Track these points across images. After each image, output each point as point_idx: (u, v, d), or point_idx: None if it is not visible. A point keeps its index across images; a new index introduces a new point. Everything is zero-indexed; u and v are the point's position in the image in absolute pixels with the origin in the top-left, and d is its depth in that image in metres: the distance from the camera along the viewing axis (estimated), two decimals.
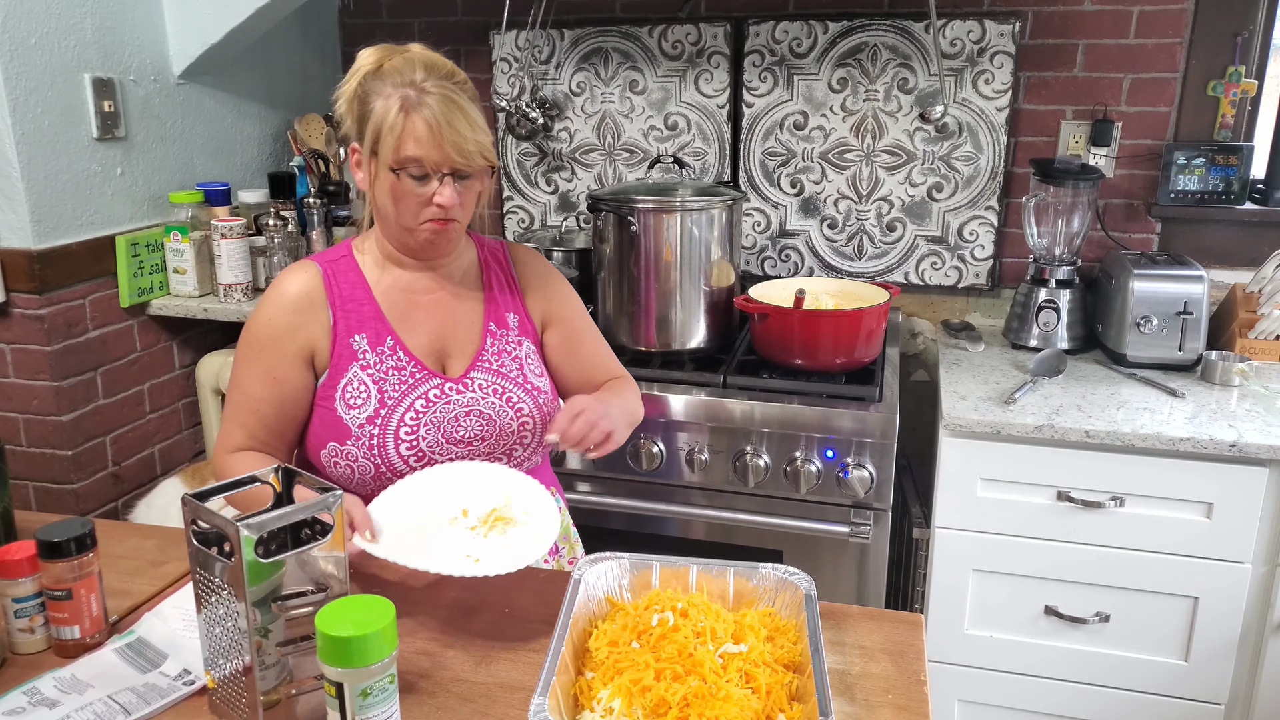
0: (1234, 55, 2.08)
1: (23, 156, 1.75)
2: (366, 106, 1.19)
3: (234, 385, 1.26)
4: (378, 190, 1.22)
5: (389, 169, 1.18)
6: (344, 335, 1.25)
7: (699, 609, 1.01)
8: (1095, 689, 1.81)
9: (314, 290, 1.25)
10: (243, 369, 1.25)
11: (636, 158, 2.46)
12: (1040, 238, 2.12)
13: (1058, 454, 1.72)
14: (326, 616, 0.82)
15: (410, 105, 1.16)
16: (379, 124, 1.17)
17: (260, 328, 1.25)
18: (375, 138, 1.18)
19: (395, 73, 1.18)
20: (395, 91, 1.17)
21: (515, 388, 1.30)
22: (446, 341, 1.30)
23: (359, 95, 1.20)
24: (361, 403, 1.24)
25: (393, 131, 1.16)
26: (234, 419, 1.26)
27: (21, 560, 1.04)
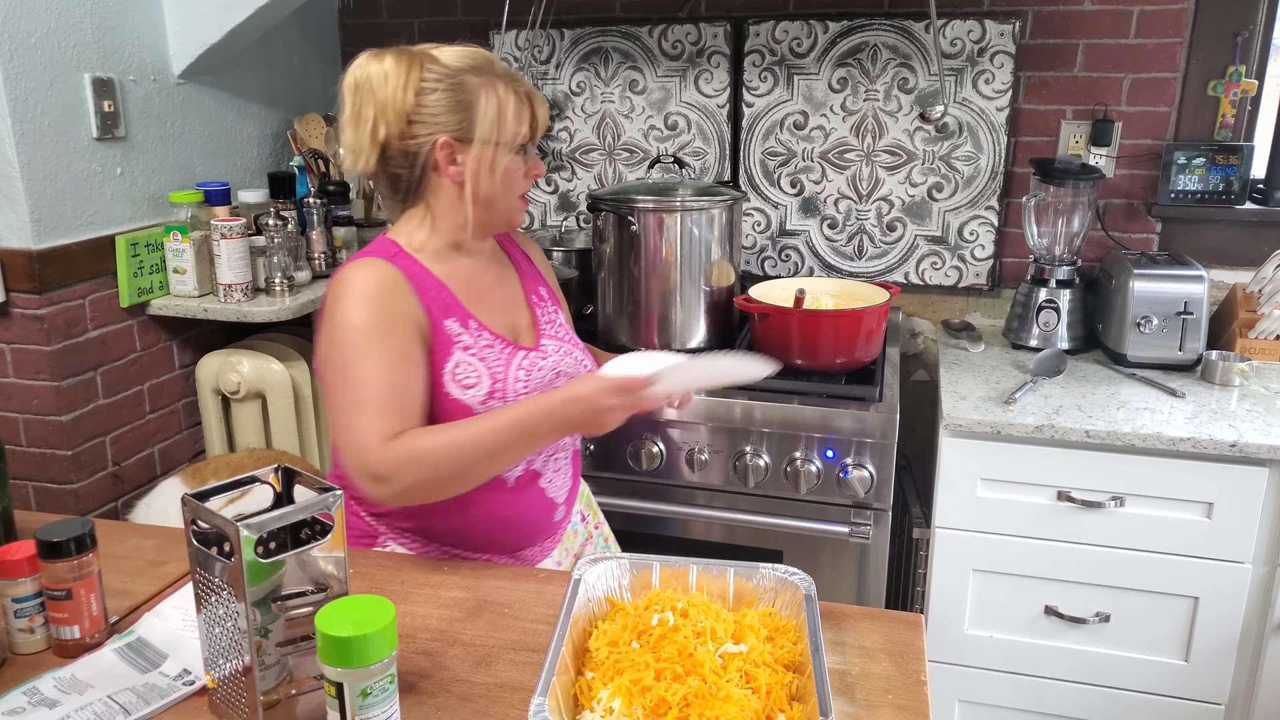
0: (1234, 55, 2.08)
1: (22, 156, 1.75)
2: (469, 98, 1.23)
3: (359, 384, 1.17)
4: (490, 176, 1.25)
5: (515, 150, 1.26)
6: (438, 321, 1.25)
7: (699, 609, 1.01)
8: (1095, 689, 1.81)
9: (399, 279, 1.24)
10: (364, 365, 1.17)
11: (636, 158, 2.46)
12: (1040, 238, 2.12)
13: (1058, 454, 1.72)
14: (326, 616, 0.82)
15: (516, 88, 1.25)
16: (496, 112, 1.23)
17: (369, 317, 1.19)
18: (494, 124, 1.23)
19: (470, 68, 1.24)
20: (492, 81, 1.24)
21: (574, 348, 1.40)
22: (512, 318, 1.36)
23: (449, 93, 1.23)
24: (475, 381, 1.25)
25: (517, 115, 1.25)
26: (378, 413, 1.16)
27: (21, 560, 1.04)
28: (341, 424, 1.18)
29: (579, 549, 1.47)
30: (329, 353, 1.21)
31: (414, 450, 1.16)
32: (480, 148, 1.24)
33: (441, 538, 1.32)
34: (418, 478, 1.16)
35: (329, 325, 1.21)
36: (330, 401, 1.21)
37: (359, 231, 2.35)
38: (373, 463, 1.15)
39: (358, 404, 1.17)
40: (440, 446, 1.17)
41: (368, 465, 1.16)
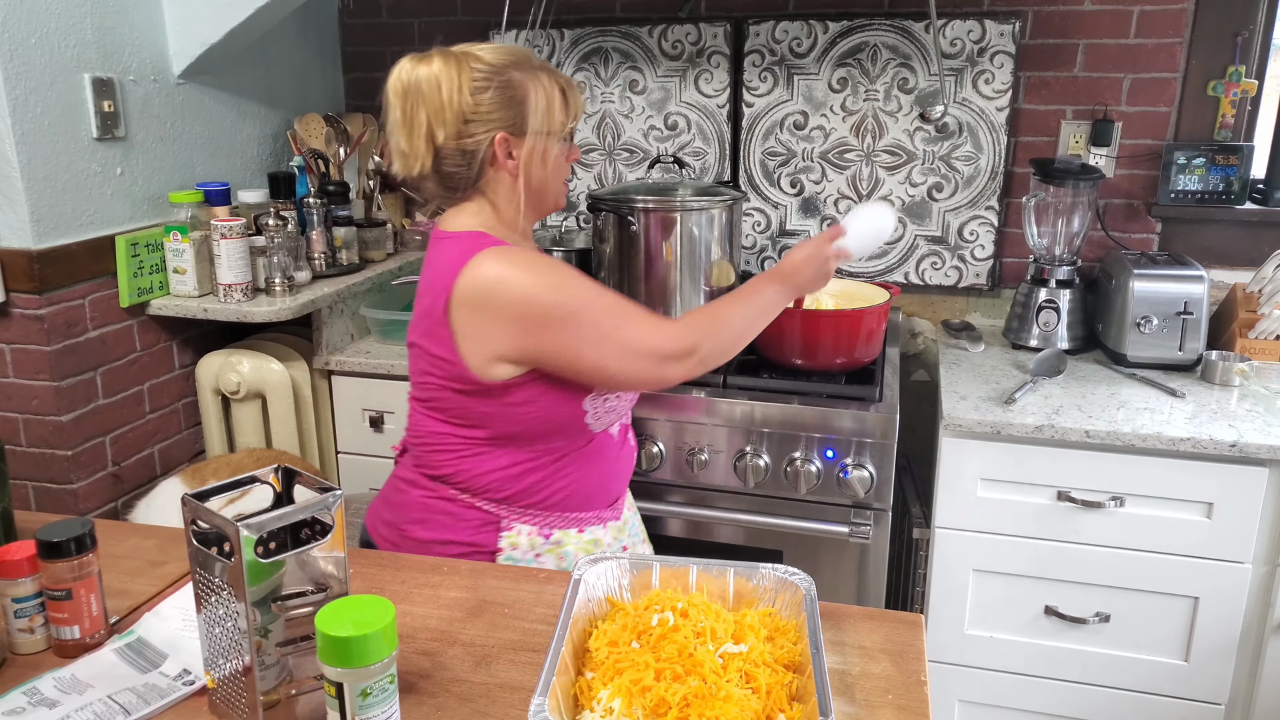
0: (1234, 55, 2.08)
1: (22, 156, 1.75)
2: (518, 95, 1.29)
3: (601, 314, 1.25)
4: (542, 165, 1.33)
5: (564, 138, 1.35)
6: None
7: (699, 609, 1.01)
8: (1095, 689, 1.81)
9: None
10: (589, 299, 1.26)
11: (636, 157, 2.46)
12: (1040, 238, 2.12)
13: (1058, 454, 1.72)
14: (326, 616, 0.82)
15: (556, 78, 1.32)
16: (546, 103, 1.30)
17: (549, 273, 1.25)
18: (545, 115, 1.30)
19: (513, 64, 1.29)
20: (535, 74, 1.30)
21: None
22: None
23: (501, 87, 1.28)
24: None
25: (563, 105, 1.32)
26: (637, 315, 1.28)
27: (21, 560, 1.04)
28: (619, 346, 1.25)
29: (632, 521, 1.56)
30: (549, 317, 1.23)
31: (705, 318, 1.31)
32: (533, 139, 1.31)
33: (561, 505, 1.37)
34: (715, 341, 1.31)
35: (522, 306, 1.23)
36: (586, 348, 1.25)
37: (359, 232, 2.35)
38: (674, 344, 1.27)
39: (620, 319, 1.27)
40: (730, 311, 1.34)
41: (670, 349, 1.27)
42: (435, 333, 1.29)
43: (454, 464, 1.35)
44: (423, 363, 1.33)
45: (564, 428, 1.33)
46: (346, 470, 2.23)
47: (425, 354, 1.32)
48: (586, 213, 2.43)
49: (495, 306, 1.23)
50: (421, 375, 1.34)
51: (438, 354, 1.29)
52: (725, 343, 1.33)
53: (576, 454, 1.36)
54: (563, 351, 1.25)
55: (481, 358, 1.26)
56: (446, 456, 1.35)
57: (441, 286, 1.27)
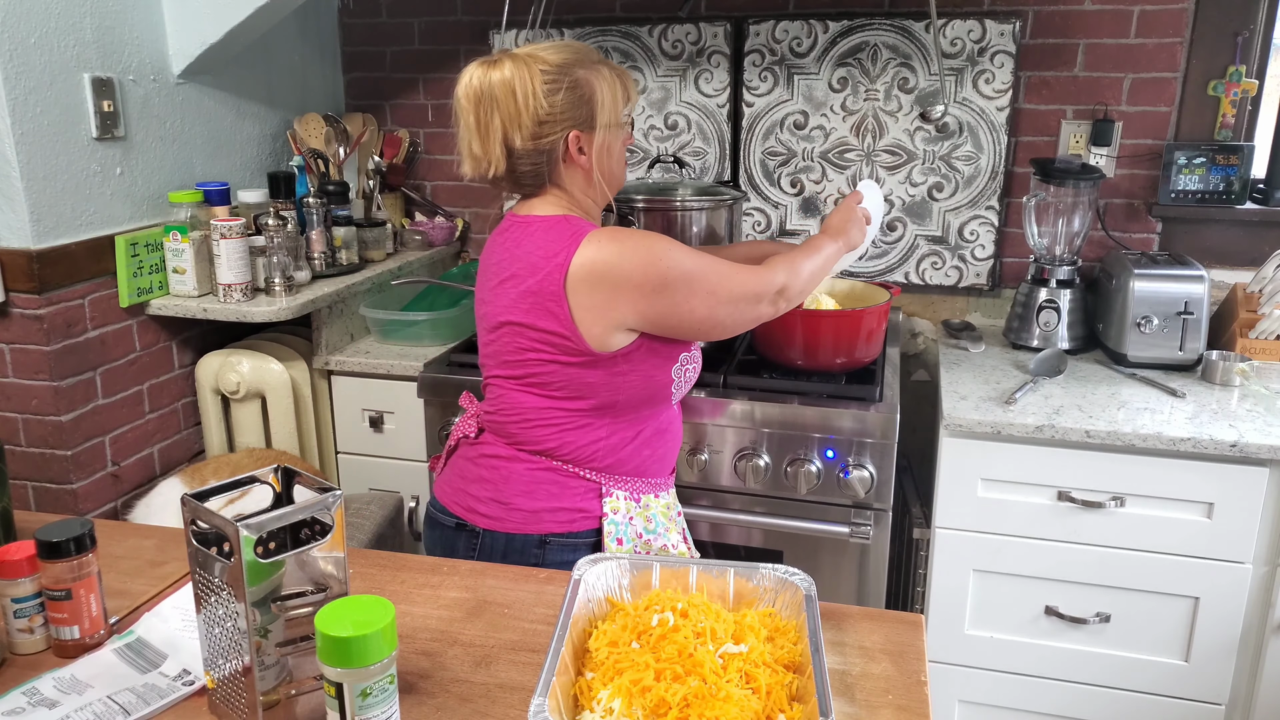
0: (1234, 55, 2.08)
1: (22, 156, 1.75)
2: (586, 91, 1.35)
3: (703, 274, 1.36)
4: (609, 157, 1.41)
5: (627, 126, 1.43)
6: None
7: (699, 609, 1.01)
8: (1095, 689, 1.81)
9: None
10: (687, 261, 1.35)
11: (636, 157, 2.46)
12: (1041, 237, 2.12)
13: (1058, 454, 1.72)
14: (326, 616, 0.82)
15: (615, 70, 1.39)
16: (610, 96, 1.37)
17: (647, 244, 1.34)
18: (611, 108, 1.38)
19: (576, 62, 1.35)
20: (598, 69, 1.37)
21: None
22: None
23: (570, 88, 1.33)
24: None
25: (624, 94, 1.40)
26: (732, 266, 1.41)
27: (21, 560, 1.04)
28: (729, 292, 1.38)
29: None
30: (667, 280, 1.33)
31: (787, 263, 1.46)
32: (602, 133, 1.38)
33: (644, 471, 1.46)
34: (798, 282, 1.47)
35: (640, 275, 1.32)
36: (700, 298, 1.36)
37: (359, 231, 2.35)
38: (768, 284, 1.42)
39: (724, 275, 1.38)
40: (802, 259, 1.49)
41: (765, 289, 1.42)
42: (546, 309, 1.34)
43: (557, 437, 1.41)
44: (525, 340, 1.38)
45: (653, 396, 1.44)
46: (346, 470, 2.23)
47: (531, 331, 1.37)
48: None
49: (618, 279, 1.32)
50: (521, 353, 1.39)
51: (550, 329, 1.35)
52: (803, 284, 1.49)
53: (656, 423, 1.47)
54: (680, 308, 1.36)
55: (602, 328, 1.34)
56: (549, 431, 1.41)
57: (553, 266, 1.33)
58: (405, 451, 2.15)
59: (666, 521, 1.47)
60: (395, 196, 2.60)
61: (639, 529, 1.44)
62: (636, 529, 1.43)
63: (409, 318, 2.19)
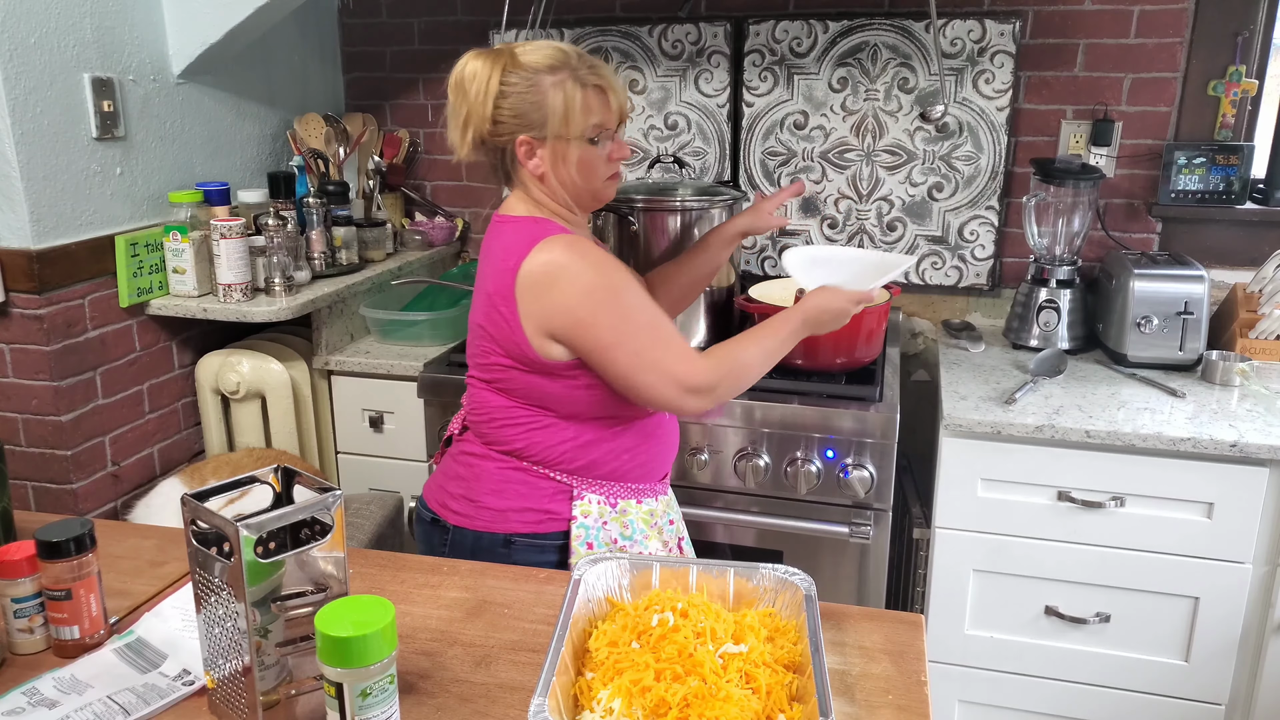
0: (1234, 55, 2.08)
1: (22, 156, 1.75)
2: (540, 98, 1.32)
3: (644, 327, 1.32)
4: (566, 167, 1.36)
5: (586, 141, 1.35)
6: None
7: (699, 609, 1.01)
8: (1095, 689, 1.81)
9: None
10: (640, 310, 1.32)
11: (636, 157, 2.46)
12: (1041, 237, 2.12)
13: (1058, 454, 1.71)
14: (326, 616, 0.82)
15: (585, 83, 1.33)
16: (565, 107, 1.32)
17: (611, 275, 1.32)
18: (564, 120, 1.33)
19: (547, 68, 1.32)
20: (563, 78, 1.32)
21: None
22: None
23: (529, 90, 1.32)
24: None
25: (584, 110, 1.33)
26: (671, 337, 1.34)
27: (21, 560, 1.04)
28: (650, 363, 1.31)
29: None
30: (597, 317, 1.30)
31: (729, 358, 1.36)
32: (554, 143, 1.34)
33: (624, 475, 1.42)
34: (734, 382, 1.36)
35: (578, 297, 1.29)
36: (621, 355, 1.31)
37: (358, 231, 2.35)
38: (698, 378, 1.32)
39: (659, 340, 1.32)
40: (747, 355, 1.37)
41: (693, 382, 1.32)
42: (500, 312, 1.34)
43: (525, 438, 1.40)
44: (487, 343, 1.39)
45: (619, 412, 1.40)
46: (346, 470, 2.23)
47: (489, 335, 1.38)
48: None
49: (556, 291, 1.30)
50: (486, 355, 1.40)
51: (501, 334, 1.36)
52: (742, 383, 1.39)
53: (639, 427, 1.44)
54: (600, 351, 1.31)
55: (538, 336, 1.33)
56: (516, 431, 1.40)
57: (507, 268, 1.33)
58: (405, 451, 2.15)
59: (647, 529, 1.43)
60: (395, 196, 2.60)
61: (614, 534, 1.40)
62: (611, 534, 1.40)
63: (409, 318, 2.19)
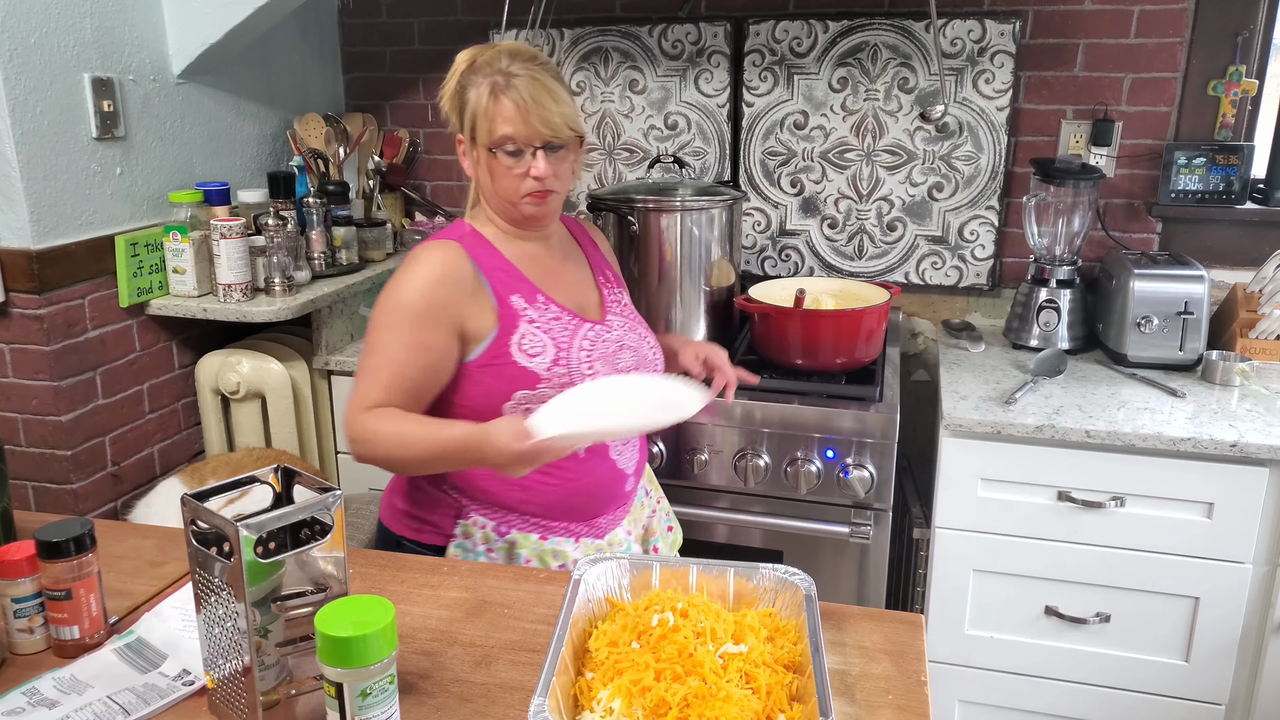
0: (1234, 55, 2.08)
1: (22, 156, 1.75)
2: (463, 99, 1.32)
3: (374, 351, 1.31)
4: (480, 173, 1.34)
5: (487, 150, 1.30)
6: (504, 297, 1.34)
7: (699, 609, 1.01)
8: (1095, 689, 1.81)
9: (464, 264, 1.33)
10: (388, 336, 1.30)
11: (636, 157, 2.46)
12: (1041, 237, 2.12)
13: (1058, 454, 1.71)
14: (326, 617, 0.82)
15: (499, 89, 1.28)
16: (474, 111, 1.30)
17: (412, 299, 1.30)
18: (473, 124, 1.31)
19: (485, 65, 1.30)
20: (485, 80, 1.29)
21: (639, 324, 1.48)
22: (580, 296, 1.43)
23: (457, 91, 1.33)
24: (540, 350, 1.33)
25: (486, 115, 1.29)
26: (374, 381, 1.30)
27: (21, 560, 1.04)
28: (355, 382, 1.32)
29: (646, 520, 1.54)
30: (375, 314, 1.32)
31: (370, 428, 1.28)
32: (469, 145, 1.34)
33: (517, 506, 1.37)
34: (367, 451, 1.29)
35: (385, 290, 1.33)
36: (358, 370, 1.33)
37: (359, 231, 2.34)
38: (348, 424, 1.30)
39: (368, 369, 1.31)
40: (386, 434, 1.27)
41: (346, 425, 1.30)
42: None
43: None
44: None
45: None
46: (346, 470, 2.23)
47: None
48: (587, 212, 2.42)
49: (391, 280, 1.35)
50: None
51: None
52: (379, 461, 1.30)
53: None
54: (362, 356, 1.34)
55: None
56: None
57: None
58: None
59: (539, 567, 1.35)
60: (395, 196, 2.60)
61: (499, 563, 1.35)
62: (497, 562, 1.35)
63: None
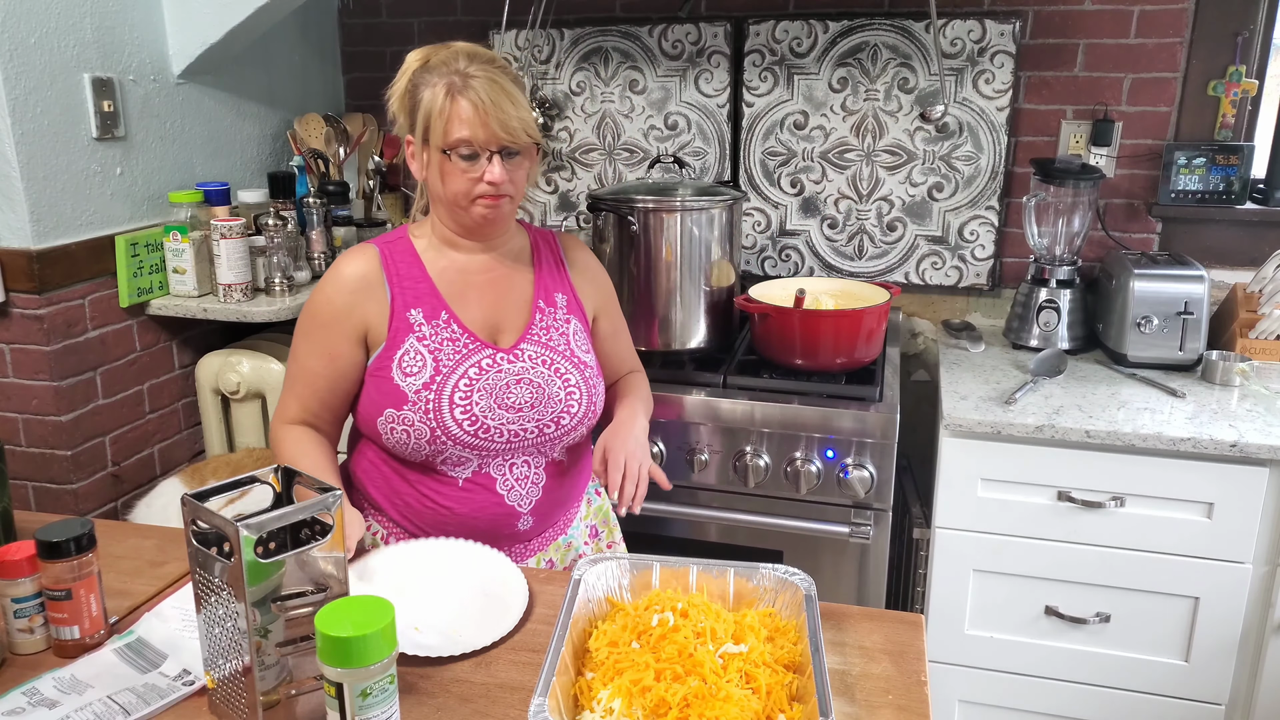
0: (1234, 55, 2.08)
1: (22, 156, 1.75)
2: (416, 99, 1.27)
3: (292, 359, 1.35)
4: (431, 175, 1.29)
5: (440, 151, 1.25)
6: (401, 310, 1.31)
7: (699, 609, 1.01)
8: (1095, 689, 1.81)
9: (371, 271, 1.32)
10: (301, 344, 1.34)
11: (636, 157, 2.46)
12: (1041, 237, 2.12)
13: (1058, 454, 1.71)
14: (326, 617, 0.82)
15: (456, 90, 1.23)
16: (428, 111, 1.25)
17: (320, 307, 1.32)
18: (426, 125, 1.25)
19: (441, 65, 1.25)
20: (441, 80, 1.24)
21: (562, 359, 1.37)
22: (499, 317, 1.37)
23: (409, 90, 1.29)
24: (417, 370, 1.29)
25: (441, 116, 1.24)
26: (291, 390, 1.36)
27: (21, 560, 1.04)
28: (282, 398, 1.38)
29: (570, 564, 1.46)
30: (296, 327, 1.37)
31: (276, 444, 1.35)
32: (420, 146, 1.29)
33: (400, 522, 1.37)
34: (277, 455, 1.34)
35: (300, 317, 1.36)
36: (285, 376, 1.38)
37: (359, 231, 2.35)
38: (270, 432, 1.38)
39: (287, 378, 1.37)
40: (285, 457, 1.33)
41: (270, 432, 1.37)
42: None
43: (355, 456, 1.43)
44: None
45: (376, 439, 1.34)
46: None
47: None
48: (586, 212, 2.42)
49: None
50: None
51: None
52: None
53: (416, 478, 1.34)
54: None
55: None
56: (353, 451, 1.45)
57: None
58: None
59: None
60: (395, 196, 2.60)
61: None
62: None
63: None
